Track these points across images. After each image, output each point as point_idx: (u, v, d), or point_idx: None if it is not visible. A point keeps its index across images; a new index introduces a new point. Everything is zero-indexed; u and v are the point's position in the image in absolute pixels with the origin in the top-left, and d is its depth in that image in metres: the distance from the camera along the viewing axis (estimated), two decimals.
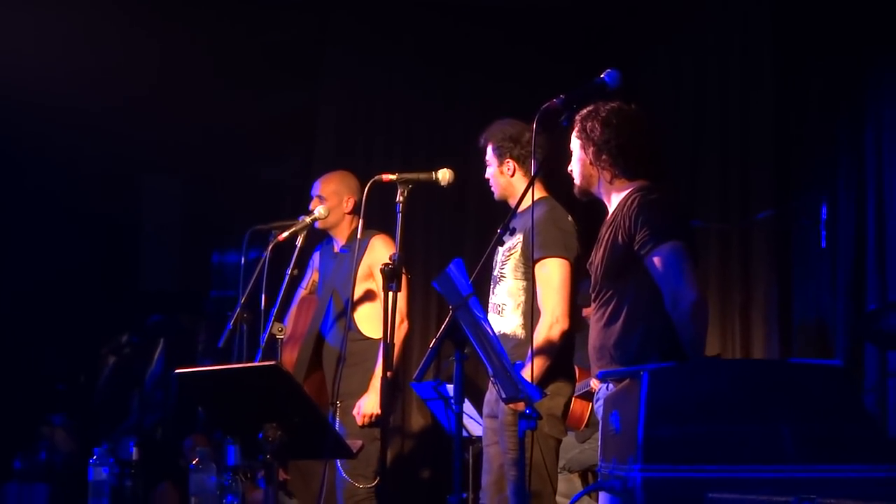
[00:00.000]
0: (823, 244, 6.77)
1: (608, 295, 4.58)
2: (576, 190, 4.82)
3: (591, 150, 4.65)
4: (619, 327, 4.50)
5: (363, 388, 6.11)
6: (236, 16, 8.70)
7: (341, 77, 9.00)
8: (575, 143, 4.74)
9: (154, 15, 8.31)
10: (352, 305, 6.18)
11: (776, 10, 7.46)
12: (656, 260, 4.40)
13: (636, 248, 4.45)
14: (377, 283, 6.18)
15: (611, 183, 4.66)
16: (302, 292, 6.60)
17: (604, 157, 4.62)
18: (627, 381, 3.72)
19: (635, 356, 4.41)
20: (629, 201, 4.55)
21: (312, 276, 6.62)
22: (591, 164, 4.67)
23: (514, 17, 8.90)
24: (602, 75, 4.55)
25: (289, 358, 6.31)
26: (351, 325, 6.16)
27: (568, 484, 6.93)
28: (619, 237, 4.52)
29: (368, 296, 6.30)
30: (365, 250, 6.24)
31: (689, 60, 8.23)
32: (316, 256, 6.65)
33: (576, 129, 4.70)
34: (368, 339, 6.21)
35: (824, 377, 3.49)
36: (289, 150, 9.70)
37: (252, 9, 8.74)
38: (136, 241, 10.55)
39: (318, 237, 6.55)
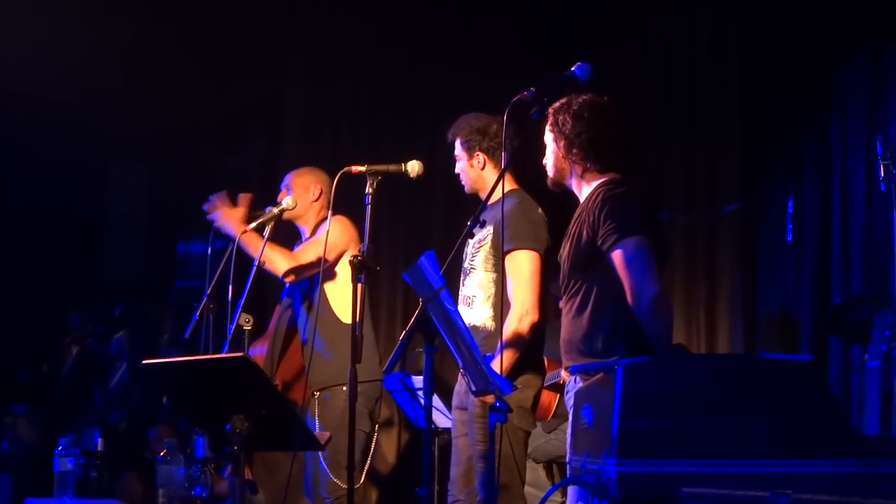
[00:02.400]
0: (789, 237, 6.81)
1: (575, 288, 4.59)
2: (549, 182, 4.83)
3: (562, 143, 4.65)
4: (585, 321, 4.51)
5: (338, 377, 6.04)
6: (203, 2, 8.66)
7: (308, 63, 8.99)
8: (548, 137, 4.75)
9: (120, 1, 8.25)
10: (321, 293, 6.16)
11: (742, 3, 7.49)
12: (617, 255, 4.40)
13: (599, 242, 4.46)
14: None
15: (582, 176, 4.66)
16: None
17: (575, 150, 4.63)
18: (600, 374, 3.73)
19: (602, 350, 4.43)
20: (595, 195, 4.56)
21: None
22: (563, 157, 4.68)
23: (482, 5, 8.91)
24: (573, 68, 4.55)
25: (259, 353, 6.30)
26: (321, 311, 6.14)
27: (532, 473, 6.93)
28: (584, 231, 4.53)
29: (336, 278, 6.25)
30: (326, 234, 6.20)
31: (657, 53, 8.24)
32: None
33: (549, 122, 4.71)
34: (342, 323, 6.13)
35: (796, 371, 3.52)
36: (255, 138, 9.66)
37: None
38: (101, 230, 10.49)
39: (288, 232, 6.51)
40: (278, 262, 6.10)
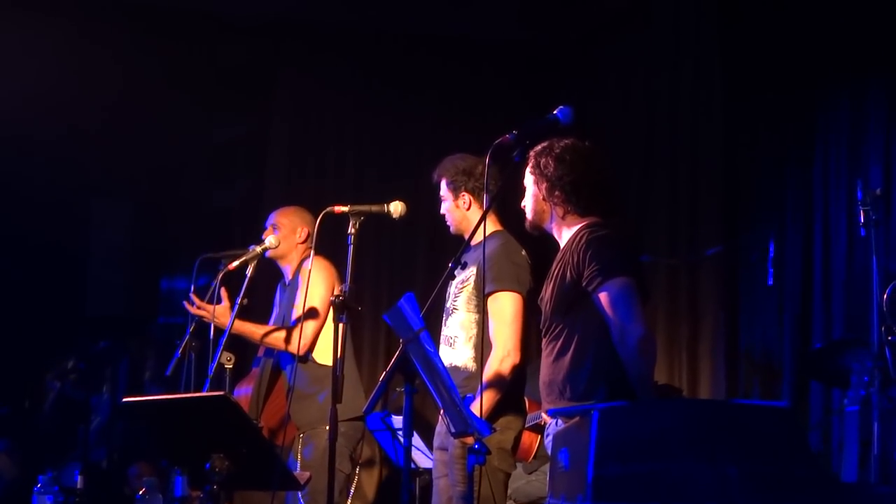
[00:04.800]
0: (771, 281, 6.82)
1: (557, 330, 4.61)
2: (527, 225, 4.85)
3: (544, 185, 4.67)
4: (567, 363, 4.52)
5: (322, 418, 6.03)
6: (188, 42, 8.69)
7: (292, 102, 9.01)
8: (528, 179, 4.77)
9: (106, 41, 8.27)
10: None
11: (725, 47, 7.53)
12: (604, 296, 4.42)
13: (584, 283, 4.48)
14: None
15: (563, 219, 4.68)
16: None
17: (557, 193, 4.65)
18: (577, 418, 3.74)
19: (584, 391, 4.44)
20: (578, 238, 4.58)
21: (277, 313, 6.57)
22: (543, 199, 4.70)
23: (466, 43, 8.99)
24: (555, 111, 4.57)
25: (244, 394, 6.29)
26: (306, 354, 6.15)
27: None
28: (568, 273, 4.54)
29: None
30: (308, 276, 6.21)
31: (639, 97, 8.30)
32: (277, 294, 6.63)
33: (529, 164, 4.73)
34: (323, 366, 6.16)
35: (772, 418, 3.53)
36: (239, 176, 9.68)
37: (203, 35, 8.74)
38: (83, 266, 10.46)
39: (272, 269, 6.52)
40: (279, 343, 6.16)
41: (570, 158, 4.66)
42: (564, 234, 4.70)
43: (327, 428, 5.91)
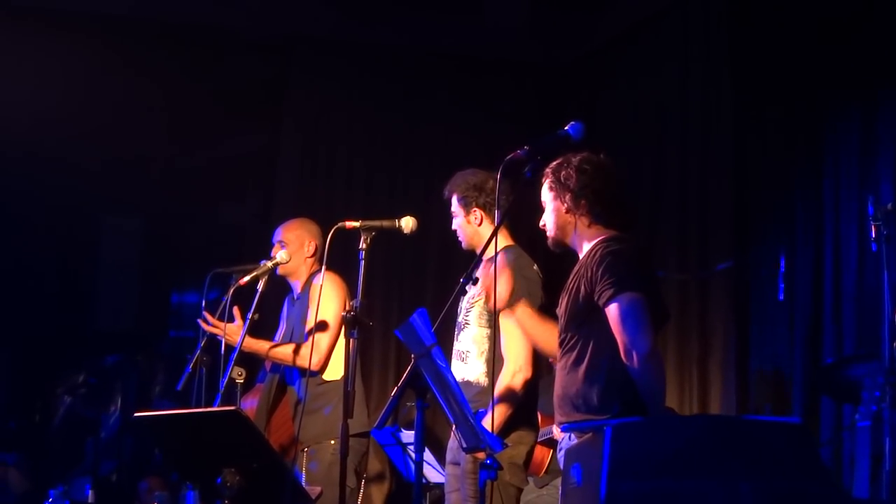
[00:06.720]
0: (781, 296, 6.81)
1: (572, 343, 4.60)
2: (550, 242, 4.80)
3: (567, 196, 4.63)
4: (581, 377, 4.52)
5: (327, 432, 6.05)
6: (198, 57, 8.71)
7: (303, 116, 9.02)
8: (548, 195, 4.73)
9: (116, 57, 8.29)
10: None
11: (735, 62, 7.54)
12: (612, 310, 4.42)
13: (596, 297, 4.47)
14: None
15: (588, 228, 4.66)
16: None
17: (582, 202, 4.63)
18: (590, 434, 3.73)
19: (597, 406, 4.43)
20: (594, 252, 4.58)
21: (285, 327, 6.57)
22: (567, 212, 4.66)
23: (474, 56, 9.02)
24: (566, 127, 4.56)
25: (249, 407, 6.29)
26: (313, 371, 6.15)
27: None
28: (583, 287, 4.54)
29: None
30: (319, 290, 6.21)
31: (650, 113, 8.30)
32: (285, 308, 6.63)
33: (548, 180, 4.70)
34: (327, 381, 6.17)
35: (784, 434, 3.52)
36: (249, 191, 9.70)
37: (214, 50, 8.76)
38: (94, 280, 10.48)
39: (280, 283, 6.52)
40: (288, 358, 6.16)
41: (590, 169, 4.64)
42: (585, 247, 4.67)
43: (332, 442, 5.96)
